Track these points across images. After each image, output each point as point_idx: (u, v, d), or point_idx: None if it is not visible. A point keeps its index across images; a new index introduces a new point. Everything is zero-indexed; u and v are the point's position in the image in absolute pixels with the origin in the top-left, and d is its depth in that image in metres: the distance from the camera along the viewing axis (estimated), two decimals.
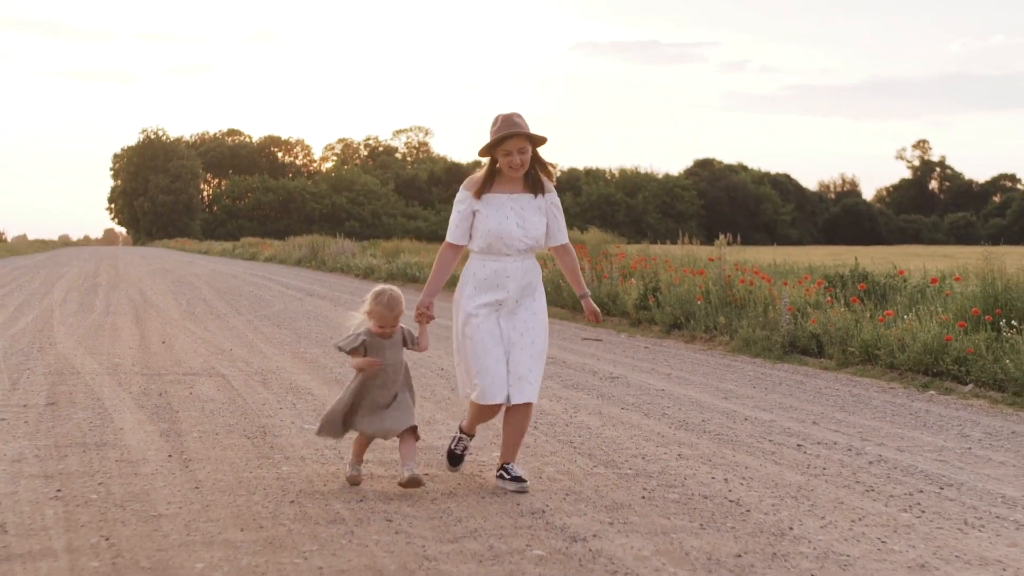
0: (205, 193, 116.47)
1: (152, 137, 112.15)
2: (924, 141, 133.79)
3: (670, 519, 5.29)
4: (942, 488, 6.09)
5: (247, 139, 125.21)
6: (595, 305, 6.18)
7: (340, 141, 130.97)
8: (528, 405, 5.94)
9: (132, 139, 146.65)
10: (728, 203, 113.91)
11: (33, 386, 9.13)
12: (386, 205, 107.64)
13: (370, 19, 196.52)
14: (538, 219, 6.03)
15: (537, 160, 6.06)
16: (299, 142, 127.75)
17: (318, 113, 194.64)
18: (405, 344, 5.96)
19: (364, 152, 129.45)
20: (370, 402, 5.86)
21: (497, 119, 5.97)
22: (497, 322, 5.93)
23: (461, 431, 6.25)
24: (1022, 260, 13.95)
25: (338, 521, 5.13)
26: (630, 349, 13.19)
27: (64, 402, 8.34)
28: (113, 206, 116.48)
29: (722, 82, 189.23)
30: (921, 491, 6.01)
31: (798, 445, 7.27)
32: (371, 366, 5.81)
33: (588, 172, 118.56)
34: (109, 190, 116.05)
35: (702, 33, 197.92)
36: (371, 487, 5.84)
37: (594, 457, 6.79)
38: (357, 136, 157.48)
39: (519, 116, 5.98)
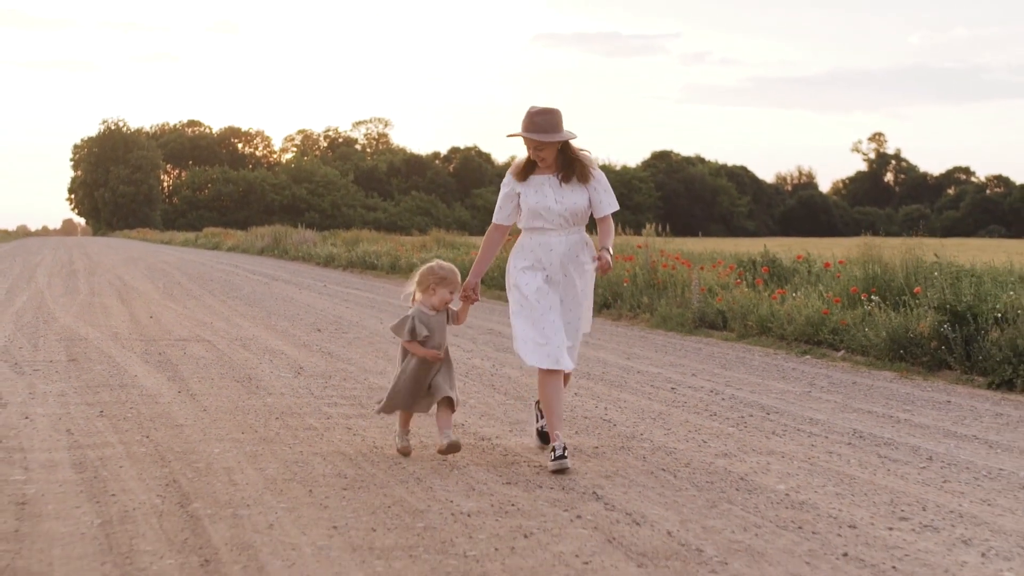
0: (165, 184, 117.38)
1: (113, 128, 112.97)
2: (880, 134, 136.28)
3: None
4: (768, 414, 8.05)
5: (207, 130, 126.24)
6: (609, 260, 6.13)
7: (300, 132, 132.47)
8: (568, 374, 6.45)
9: (92, 129, 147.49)
10: (685, 195, 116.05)
11: (51, 348, 10.97)
12: (346, 196, 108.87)
13: (331, 10, 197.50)
14: (577, 194, 6.31)
15: (569, 152, 6.33)
16: (259, 133, 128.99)
17: (278, 104, 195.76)
18: (449, 321, 6.37)
19: (324, 143, 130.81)
20: (423, 375, 6.29)
21: (528, 112, 6.26)
22: (549, 294, 6.26)
23: (538, 407, 6.68)
24: (958, 251, 15.96)
25: (311, 428, 7.05)
26: None
27: (82, 359, 10.20)
28: (73, 196, 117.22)
29: (683, 74, 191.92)
30: (752, 415, 7.97)
31: (672, 388, 9.21)
32: (435, 359, 6.23)
33: None
34: (69, 180, 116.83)
35: (663, 25, 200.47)
36: (335, 411, 7.73)
37: (509, 394, 8.71)
38: (317, 127, 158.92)
39: (546, 114, 6.22)
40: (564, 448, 6.01)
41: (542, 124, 6.17)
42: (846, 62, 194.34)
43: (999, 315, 10.43)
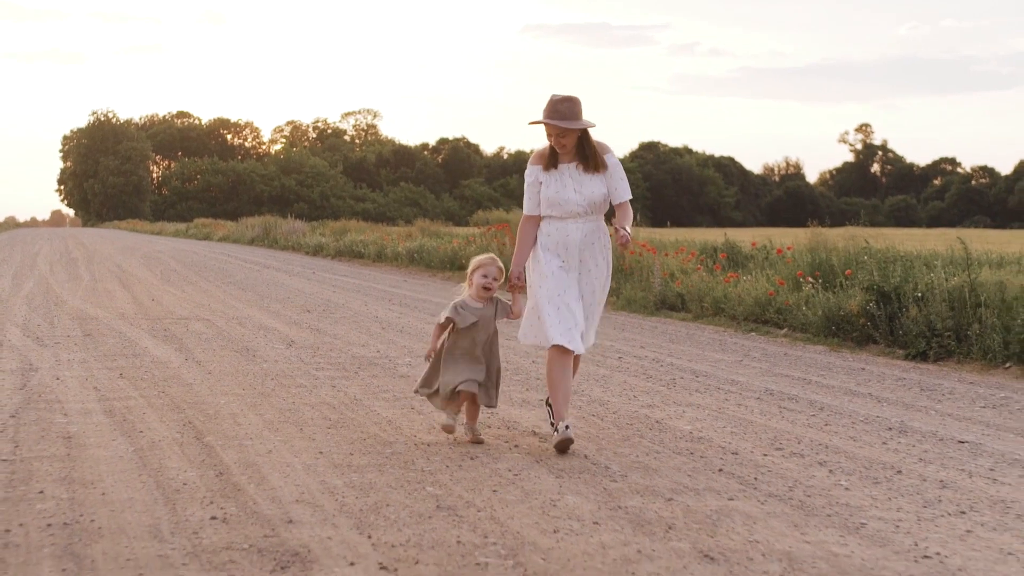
0: (154, 175, 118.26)
1: (102, 119, 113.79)
2: (867, 125, 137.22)
3: (506, 386, 8.45)
4: (697, 377, 9.31)
5: (196, 121, 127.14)
6: (627, 235, 6.26)
7: (289, 123, 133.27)
8: (577, 356, 6.52)
9: (81, 121, 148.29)
10: (673, 186, 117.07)
11: (66, 325, 12.19)
12: (335, 187, 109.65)
13: (320, 1, 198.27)
14: (595, 183, 6.45)
15: (585, 143, 6.45)
16: (248, 124, 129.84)
17: (267, 95, 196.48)
18: (497, 315, 6.51)
19: (313, 134, 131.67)
20: (454, 362, 6.44)
21: (549, 100, 6.41)
22: (567, 278, 6.41)
23: (548, 404, 6.65)
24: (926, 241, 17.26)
25: (302, 386, 8.30)
26: None
27: (96, 334, 11.42)
28: (63, 188, 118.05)
29: (671, 65, 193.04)
30: (683, 378, 9.22)
31: (619, 358, 10.46)
32: (427, 356, 6.52)
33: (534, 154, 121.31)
34: (59, 172, 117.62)
35: (652, 15, 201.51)
36: (322, 374, 8.96)
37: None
38: (306, 118, 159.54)
39: (568, 102, 6.37)
40: (568, 427, 6.18)
41: (564, 112, 6.32)
42: (835, 53, 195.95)
43: (919, 295, 11.67)
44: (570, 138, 6.38)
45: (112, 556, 4.24)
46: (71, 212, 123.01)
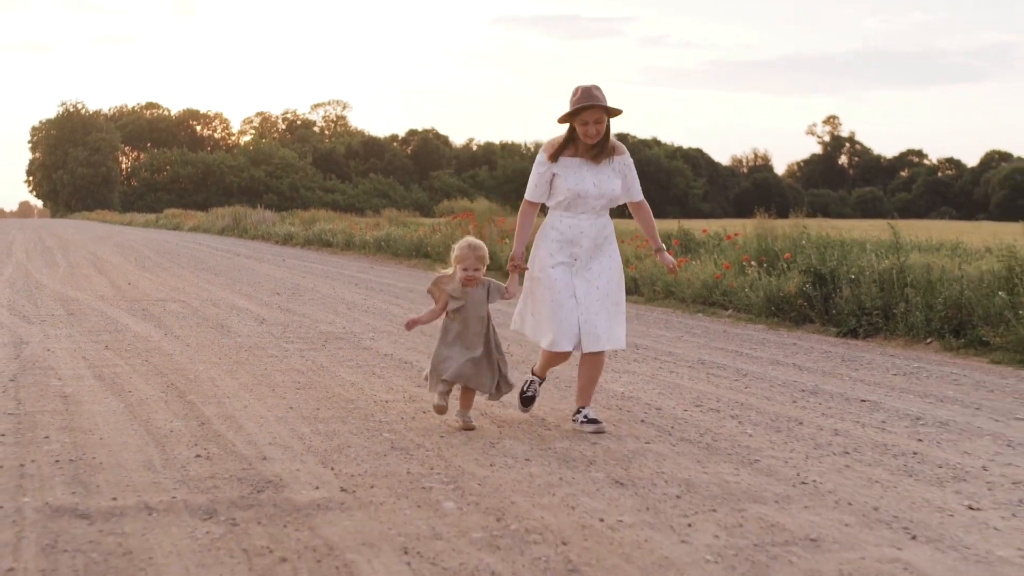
0: (124, 166, 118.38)
1: (71, 110, 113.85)
2: (834, 117, 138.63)
3: None
4: (638, 350, 10.12)
5: (166, 112, 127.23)
6: (670, 258, 6.69)
7: (258, 115, 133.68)
8: (600, 354, 6.45)
9: (50, 111, 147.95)
10: (641, 177, 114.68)
11: (50, 306, 12.90)
12: (304, 178, 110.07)
13: None
14: (613, 179, 6.49)
15: (606, 130, 6.46)
16: (217, 115, 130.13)
17: (236, 86, 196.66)
18: (490, 298, 6.44)
19: (282, 126, 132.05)
20: (447, 346, 6.44)
21: (577, 90, 6.35)
22: (571, 277, 6.39)
23: (533, 374, 6.89)
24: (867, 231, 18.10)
25: (273, 356, 9.07)
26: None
27: (79, 313, 12.15)
28: (32, 179, 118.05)
29: (641, 57, 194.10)
30: (624, 350, 10.02)
31: None
32: (408, 326, 6.49)
33: (504, 146, 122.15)
34: (27, 163, 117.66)
35: (622, 8, 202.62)
36: (292, 346, 9.72)
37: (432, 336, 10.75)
38: (275, 110, 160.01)
39: (598, 89, 6.36)
40: (534, 386, 6.74)
41: (600, 96, 6.34)
42: (803, 46, 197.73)
43: (852, 277, 12.51)
44: (600, 127, 6.37)
45: (114, 483, 5.01)
46: (39, 203, 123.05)
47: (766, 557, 4.15)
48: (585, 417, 6.40)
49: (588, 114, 6.30)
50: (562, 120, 6.40)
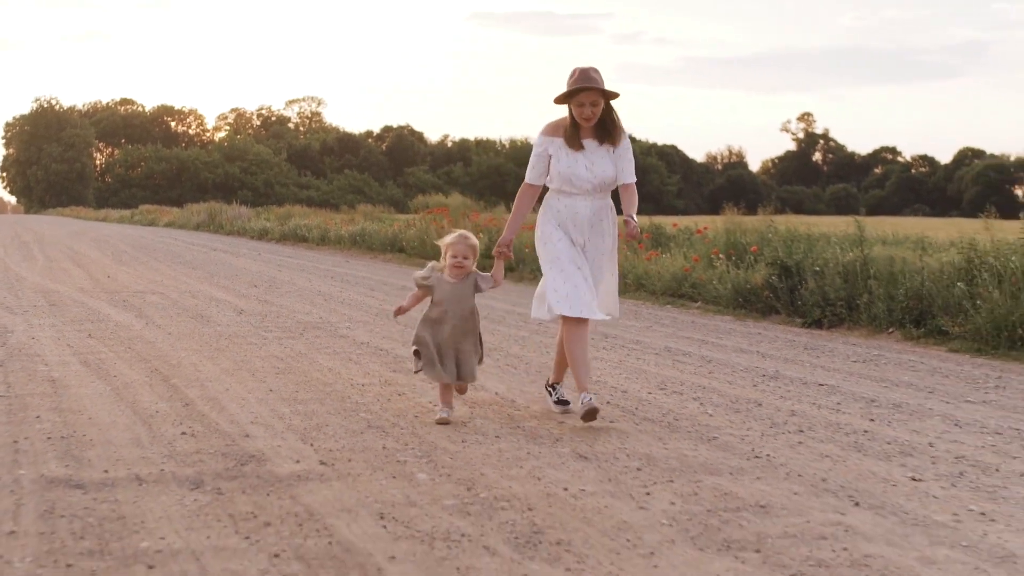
0: (98, 162, 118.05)
1: (45, 106, 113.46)
2: (808, 114, 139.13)
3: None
4: (607, 338, 10.43)
5: (140, 108, 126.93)
6: (636, 226, 6.42)
7: (233, 111, 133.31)
8: (584, 325, 6.46)
9: (23, 107, 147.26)
10: None
11: (31, 297, 13.13)
12: (279, 175, 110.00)
13: None
14: (607, 163, 6.45)
15: (608, 114, 6.46)
16: (192, 112, 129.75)
17: (211, 83, 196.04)
18: (478, 289, 6.36)
19: (257, 122, 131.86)
20: (434, 341, 6.32)
21: (575, 71, 6.36)
22: (574, 251, 6.48)
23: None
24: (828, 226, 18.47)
25: (252, 344, 9.35)
26: None
27: (60, 304, 12.38)
28: (5, 175, 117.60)
29: (616, 53, 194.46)
30: (593, 339, 10.33)
31: (540, 324, 11.54)
32: (396, 313, 6.46)
33: (479, 142, 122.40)
34: (1, 159, 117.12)
35: (597, 4, 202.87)
36: (270, 335, 9.99)
37: (411, 324, 11.04)
38: (250, 106, 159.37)
39: (595, 71, 6.34)
40: (591, 398, 6.31)
41: (596, 78, 6.35)
42: (778, 43, 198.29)
43: (817, 269, 12.85)
44: (597, 110, 6.37)
45: (104, 457, 5.29)
46: (13, 199, 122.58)
47: (718, 521, 4.47)
48: (554, 392, 6.80)
49: (584, 96, 6.33)
50: (558, 101, 6.44)
